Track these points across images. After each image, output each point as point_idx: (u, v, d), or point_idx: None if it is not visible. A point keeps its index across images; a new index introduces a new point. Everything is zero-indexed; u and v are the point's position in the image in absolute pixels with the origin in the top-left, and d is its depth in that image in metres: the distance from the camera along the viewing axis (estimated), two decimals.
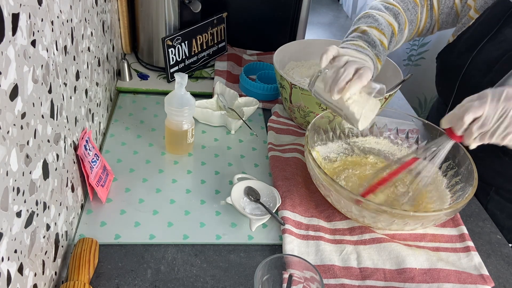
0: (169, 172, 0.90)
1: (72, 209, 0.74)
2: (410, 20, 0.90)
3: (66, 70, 0.68)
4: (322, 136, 0.91)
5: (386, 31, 0.86)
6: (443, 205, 0.79)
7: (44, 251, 0.61)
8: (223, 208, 0.83)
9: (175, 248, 0.75)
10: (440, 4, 0.90)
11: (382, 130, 0.95)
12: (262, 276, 0.61)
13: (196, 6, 1.15)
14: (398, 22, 0.87)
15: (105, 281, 0.68)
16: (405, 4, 0.89)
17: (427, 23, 0.93)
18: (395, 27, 0.87)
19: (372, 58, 0.81)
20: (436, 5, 0.90)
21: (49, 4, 0.59)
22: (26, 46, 0.51)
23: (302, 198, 0.84)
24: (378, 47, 0.84)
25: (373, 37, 0.84)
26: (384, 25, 0.86)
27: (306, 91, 0.94)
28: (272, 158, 0.94)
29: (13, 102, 0.49)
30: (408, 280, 0.71)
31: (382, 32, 0.85)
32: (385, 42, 0.85)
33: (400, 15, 0.88)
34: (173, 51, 1.14)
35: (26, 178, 0.53)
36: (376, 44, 0.84)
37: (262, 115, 1.12)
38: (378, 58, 0.83)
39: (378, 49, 0.84)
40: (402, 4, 0.89)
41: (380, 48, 0.84)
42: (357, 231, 0.78)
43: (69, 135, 0.71)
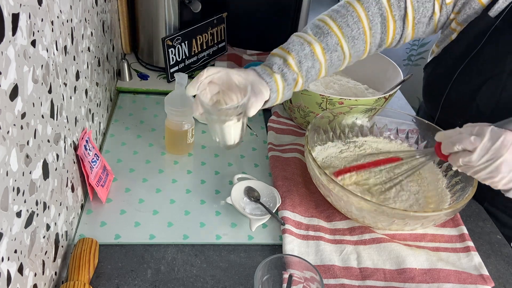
0: (169, 172, 0.90)
1: (72, 209, 0.74)
2: (350, 37, 0.82)
3: (66, 70, 0.68)
4: (322, 136, 0.91)
5: (296, 49, 0.79)
6: (443, 205, 0.79)
7: (44, 251, 0.61)
8: (223, 208, 0.83)
9: (175, 248, 0.75)
10: (416, 13, 0.84)
11: (382, 130, 0.95)
12: (262, 276, 0.61)
13: (196, 6, 1.15)
14: (326, 42, 0.80)
15: (105, 281, 0.68)
16: (344, 20, 0.81)
17: (396, 35, 0.85)
18: (314, 46, 0.79)
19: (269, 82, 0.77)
20: (410, 15, 0.83)
21: (49, 4, 0.59)
22: (26, 46, 0.51)
23: (302, 198, 0.84)
24: (271, 60, 0.79)
25: (270, 56, 0.80)
26: (294, 44, 0.80)
27: (306, 91, 0.94)
28: (272, 158, 0.94)
29: (13, 102, 0.49)
30: (408, 280, 0.71)
31: (287, 51, 0.79)
32: (289, 60, 0.77)
33: (330, 34, 0.80)
34: (173, 51, 1.14)
35: (26, 178, 0.53)
36: (270, 59, 0.79)
37: (262, 115, 1.12)
38: (270, 68, 0.78)
39: (272, 62, 0.79)
40: (341, 20, 0.81)
41: (278, 62, 0.78)
42: (357, 231, 0.78)
43: (69, 135, 0.71)
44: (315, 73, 0.81)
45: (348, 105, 0.93)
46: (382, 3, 0.82)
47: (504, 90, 0.78)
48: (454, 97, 0.86)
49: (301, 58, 0.79)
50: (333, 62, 0.82)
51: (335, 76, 1.13)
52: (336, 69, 0.85)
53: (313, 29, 0.82)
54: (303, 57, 0.79)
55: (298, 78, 0.79)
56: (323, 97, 0.93)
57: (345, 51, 0.82)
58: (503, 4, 0.77)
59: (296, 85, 0.80)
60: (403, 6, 0.82)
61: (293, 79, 0.79)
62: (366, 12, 0.82)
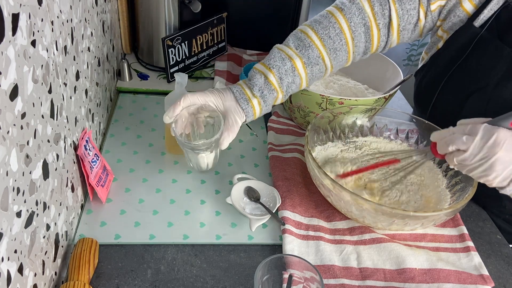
0: (169, 172, 0.90)
1: (72, 209, 0.74)
2: (332, 48, 0.81)
3: (66, 70, 0.68)
4: (322, 136, 0.91)
5: (277, 65, 0.79)
6: (443, 205, 0.79)
7: (44, 251, 0.61)
8: (223, 208, 0.83)
9: (175, 248, 0.75)
10: (401, 21, 0.83)
11: (382, 130, 0.95)
12: (262, 276, 0.61)
13: (196, 6, 1.15)
14: (307, 56, 0.80)
15: (105, 281, 0.68)
16: (326, 32, 0.81)
17: (381, 42, 0.85)
18: (295, 62, 0.79)
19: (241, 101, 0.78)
20: (395, 22, 0.83)
21: (49, 4, 0.59)
22: (26, 46, 0.51)
23: (302, 198, 0.84)
24: (254, 80, 0.79)
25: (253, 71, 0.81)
26: (276, 60, 0.80)
27: (306, 91, 0.94)
28: (272, 158, 0.94)
29: (13, 102, 0.49)
30: (408, 280, 0.71)
31: (268, 67, 0.79)
32: (270, 77, 0.79)
33: (311, 47, 0.80)
34: (173, 51, 1.14)
35: (26, 178, 0.53)
36: (253, 77, 0.80)
37: (262, 115, 1.12)
38: (251, 90, 0.79)
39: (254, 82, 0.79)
40: (322, 32, 0.81)
41: (258, 81, 0.79)
42: (357, 231, 0.78)
43: (69, 135, 0.71)
44: (295, 87, 0.83)
45: (348, 105, 0.93)
46: (366, 13, 0.81)
47: (489, 102, 0.78)
48: (440, 108, 0.86)
49: (281, 75, 0.80)
50: (314, 74, 0.83)
51: (335, 76, 1.13)
52: (317, 79, 0.86)
53: (294, 41, 0.82)
54: (284, 73, 0.80)
55: (278, 94, 0.81)
56: (323, 97, 0.93)
57: (327, 64, 0.83)
58: (488, 13, 0.77)
59: (275, 100, 0.82)
60: (387, 14, 0.82)
61: (273, 98, 0.81)
62: (349, 23, 0.81)
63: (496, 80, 0.77)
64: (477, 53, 0.79)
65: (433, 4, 0.81)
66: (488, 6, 0.77)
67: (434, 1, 0.81)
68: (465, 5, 0.79)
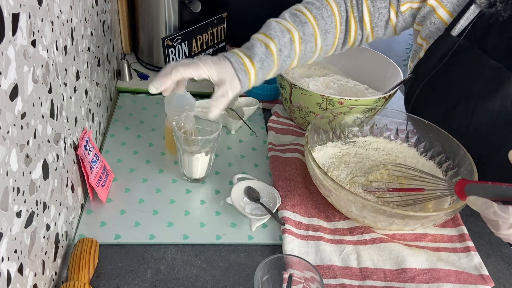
0: (169, 172, 0.90)
1: (72, 209, 0.74)
2: (324, 29, 0.83)
3: (66, 70, 0.68)
4: (322, 136, 0.91)
5: (278, 36, 0.78)
6: (443, 205, 0.79)
7: (44, 251, 0.61)
8: (223, 208, 0.83)
9: (175, 248, 0.75)
10: (372, 17, 0.85)
11: (382, 130, 0.95)
12: (262, 276, 0.61)
13: (196, 6, 1.15)
14: (303, 31, 0.80)
15: (105, 281, 0.68)
16: (319, 12, 0.83)
17: (357, 35, 0.88)
18: (294, 34, 0.79)
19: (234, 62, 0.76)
20: (367, 18, 0.85)
21: (49, 4, 0.59)
22: (26, 46, 0.51)
23: (302, 198, 0.84)
24: (255, 49, 0.77)
25: (253, 40, 0.78)
26: (276, 30, 0.79)
27: (306, 91, 0.94)
28: (272, 158, 0.94)
29: (13, 102, 0.49)
30: (408, 280, 0.71)
31: (269, 37, 0.78)
32: (271, 46, 0.77)
33: (307, 24, 0.81)
34: (173, 51, 1.14)
35: (26, 178, 0.53)
36: (254, 46, 0.77)
37: (262, 115, 1.12)
38: (250, 60, 0.76)
39: (254, 51, 0.77)
40: (316, 11, 0.83)
41: (259, 50, 0.77)
42: (357, 231, 0.78)
43: (69, 135, 0.71)
44: (288, 63, 0.82)
45: (348, 105, 0.93)
46: (347, 4, 0.85)
47: (474, 114, 0.78)
48: (429, 117, 0.87)
49: (281, 46, 0.79)
50: (306, 53, 0.83)
51: (335, 76, 1.13)
52: (305, 62, 0.86)
53: (291, 17, 0.82)
54: (283, 45, 0.79)
55: (274, 67, 0.79)
56: (323, 97, 0.93)
57: (318, 43, 0.84)
58: (464, 23, 0.77)
59: (268, 74, 0.80)
60: (361, 9, 0.85)
61: (269, 69, 0.79)
62: (339, 7, 0.85)
63: (480, 90, 0.77)
64: (458, 62, 0.80)
65: (403, 6, 0.84)
66: (464, 16, 0.78)
67: (404, 3, 0.83)
68: (440, 12, 0.80)
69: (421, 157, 0.91)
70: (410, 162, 0.91)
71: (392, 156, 0.92)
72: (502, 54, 0.75)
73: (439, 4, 0.79)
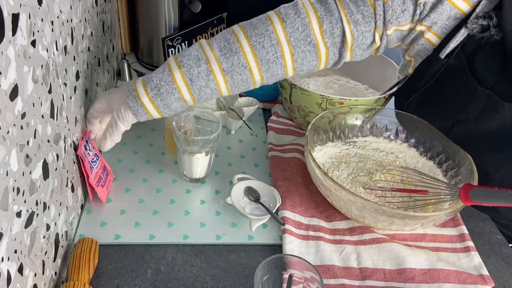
0: (169, 172, 0.90)
1: (72, 209, 0.74)
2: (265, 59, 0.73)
3: (66, 70, 0.68)
4: (322, 136, 0.91)
5: (189, 64, 0.72)
6: (443, 205, 0.79)
7: (44, 251, 0.61)
8: (223, 208, 0.83)
9: (175, 248, 0.75)
10: (355, 41, 0.76)
11: (382, 130, 0.95)
12: (262, 276, 0.61)
13: (196, 6, 1.15)
14: (231, 62, 0.72)
15: (105, 281, 0.68)
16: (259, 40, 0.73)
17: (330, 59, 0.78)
18: (211, 65, 0.72)
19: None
20: (349, 41, 0.75)
21: (49, 4, 0.59)
22: (26, 46, 0.51)
23: (302, 198, 0.84)
24: (152, 74, 0.73)
25: (162, 65, 0.74)
26: (190, 58, 0.72)
27: (306, 91, 0.94)
28: (272, 158, 0.94)
29: (13, 102, 0.49)
30: (408, 280, 0.71)
31: (178, 64, 0.72)
32: (175, 74, 0.72)
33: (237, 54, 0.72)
34: (173, 51, 1.14)
35: (26, 178, 0.53)
36: (155, 71, 0.74)
37: (262, 115, 1.12)
38: (144, 86, 0.72)
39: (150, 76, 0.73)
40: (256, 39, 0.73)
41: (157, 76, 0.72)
42: (357, 231, 0.78)
43: (69, 135, 0.71)
44: (211, 93, 0.74)
45: (348, 105, 0.93)
46: (312, 30, 0.74)
47: (472, 134, 0.79)
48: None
49: (192, 76, 0.72)
50: (236, 83, 0.75)
51: (335, 76, 1.13)
52: (245, 89, 0.77)
53: (220, 42, 0.73)
54: (196, 76, 0.72)
55: (184, 96, 0.73)
56: (323, 97, 0.93)
57: (255, 75, 0.74)
58: (453, 45, 0.76)
59: (185, 102, 0.74)
60: (338, 33, 0.75)
61: (176, 98, 0.73)
62: (288, 38, 0.73)
63: (475, 116, 0.76)
64: (449, 82, 0.78)
65: (389, 30, 0.77)
66: (454, 39, 0.75)
67: (390, 27, 0.77)
68: (427, 36, 0.77)
69: (421, 157, 0.91)
70: (410, 162, 0.91)
71: (392, 156, 0.92)
72: (494, 73, 0.74)
73: (427, 28, 0.76)
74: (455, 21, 0.74)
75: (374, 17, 0.74)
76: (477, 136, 0.78)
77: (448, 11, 0.73)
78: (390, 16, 0.74)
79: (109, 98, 0.75)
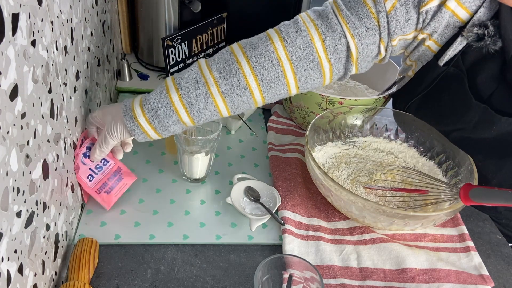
0: (169, 172, 0.90)
1: (72, 209, 0.74)
2: (266, 79, 0.71)
3: (66, 70, 0.68)
4: (322, 136, 0.91)
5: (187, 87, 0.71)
6: (443, 205, 0.79)
7: (44, 251, 0.61)
8: (223, 208, 0.83)
9: (175, 248, 0.75)
10: (360, 55, 0.74)
11: (382, 130, 0.95)
12: (262, 276, 0.61)
13: (196, 6, 1.15)
14: (231, 84, 0.70)
15: (105, 281, 0.68)
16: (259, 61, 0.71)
17: (334, 75, 0.76)
18: (210, 87, 0.70)
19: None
20: (354, 55, 0.73)
21: (49, 4, 0.59)
22: (26, 46, 0.51)
23: (302, 198, 0.84)
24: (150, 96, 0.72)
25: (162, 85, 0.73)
26: (188, 80, 0.71)
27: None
28: (272, 158, 0.94)
29: (13, 102, 0.49)
30: (408, 280, 0.71)
31: (176, 86, 0.71)
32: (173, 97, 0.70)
33: (237, 76, 0.70)
34: (173, 51, 1.14)
35: (26, 178, 0.53)
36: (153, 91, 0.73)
37: (262, 115, 1.12)
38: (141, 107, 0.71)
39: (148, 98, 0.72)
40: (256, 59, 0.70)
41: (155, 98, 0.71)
42: (357, 231, 0.78)
43: (69, 135, 0.71)
44: (211, 115, 0.73)
45: (348, 105, 0.93)
46: (314, 47, 0.71)
47: (471, 141, 0.79)
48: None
49: (191, 99, 0.71)
50: (237, 105, 0.73)
51: None
52: (247, 109, 0.76)
53: (220, 64, 0.71)
54: (194, 98, 0.71)
55: (183, 118, 0.72)
56: (323, 97, 0.93)
57: (256, 96, 0.73)
58: (452, 53, 0.75)
59: (185, 124, 0.73)
60: (342, 49, 0.73)
61: (174, 121, 0.72)
62: (289, 57, 0.71)
63: (472, 126, 0.76)
64: (448, 89, 0.78)
65: (394, 40, 0.75)
66: (452, 47, 0.75)
67: (395, 38, 0.75)
68: (427, 43, 0.77)
69: (421, 157, 0.91)
70: (410, 162, 0.91)
71: (392, 156, 0.92)
72: (491, 85, 0.74)
73: (428, 36, 0.76)
74: (454, 29, 0.74)
75: (378, 29, 0.73)
76: (474, 143, 0.79)
77: (447, 18, 0.73)
78: (394, 27, 0.73)
79: (106, 111, 0.75)
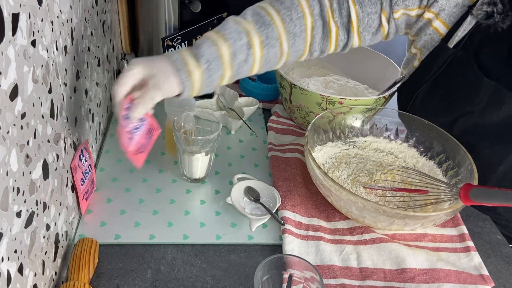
0: (169, 172, 0.90)
1: (72, 209, 0.74)
2: (292, 33, 0.74)
3: (66, 70, 0.68)
4: (322, 136, 0.91)
5: (232, 37, 0.70)
6: (443, 205, 0.79)
7: (44, 251, 0.61)
8: (223, 208, 0.83)
9: (175, 248, 0.75)
10: (360, 23, 0.77)
11: (382, 130, 0.95)
12: (262, 276, 0.61)
13: (196, 6, 1.15)
14: (266, 35, 0.71)
15: (105, 281, 0.68)
16: (288, 13, 0.73)
17: (339, 41, 0.79)
18: (253, 38, 0.70)
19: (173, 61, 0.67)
20: (355, 24, 0.76)
21: (49, 4, 0.59)
22: (26, 46, 0.51)
23: (302, 198, 0.84)
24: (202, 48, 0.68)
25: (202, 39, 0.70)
26: (231, 31, 0.70)
27: (306, 91, 0.94)
28: (272, 158, 0.94)
29: (13, 102, 0.49)
30: (408, 280, 0.71)
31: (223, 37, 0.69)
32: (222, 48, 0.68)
33: (272, 26, 0.72)
34: (173, 51, 1.14)
35: (26, 178, 0.53)
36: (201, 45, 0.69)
37: (262, 115, 1.12)
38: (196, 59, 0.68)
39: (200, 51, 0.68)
40: (284, 12, 0.73)
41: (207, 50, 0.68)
42: (357, 231, 0.78)
43: (69, 135, 0.71)
44: (247, 69, 0.73)
45: (348, 105, 0.93)
46: (325, 7, 0.76)
47: (478, 126, 0.79)
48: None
49: (236, 50, 0.70)
50: (269, 59, 0.74)
51: (335, 76, 1.13)
52: (270, 68, 0.77)
53: (253, 16, 0.73)
54: (238, 49, 0.70)
55: (226, 72, 0.71)
56: (323, 97, 0.93)
57: (284, 49, 0.75)
58: (461, 34, 0.75)
59: (221, 80, 0.72)
60: (345, 14, 0.76)
61: (219, 75, 0.70)
62: (311, 10, 0.75)
63: (481, 107, 0.76)
64: (456, 74, 0.78)
65: (396, 13, 0.77)
66: (461, 27, 0.75)
67: (397, 10, 0.76)
68: (435, 24, 0.77)
69: (421, 157, 0.91)
70: (410, 162, 0.91)
71: (392, 156, 0.92)
72: (500, 64, 0.74)
73: (435, 16, 0.76)
74: (463, 8, 0.74)
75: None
76: (482, 128, 0.78)
77: None
78: None
79: (152, 65, 0.66)
